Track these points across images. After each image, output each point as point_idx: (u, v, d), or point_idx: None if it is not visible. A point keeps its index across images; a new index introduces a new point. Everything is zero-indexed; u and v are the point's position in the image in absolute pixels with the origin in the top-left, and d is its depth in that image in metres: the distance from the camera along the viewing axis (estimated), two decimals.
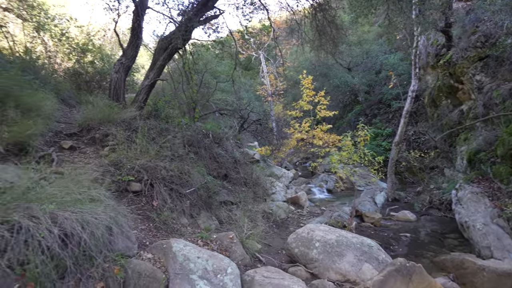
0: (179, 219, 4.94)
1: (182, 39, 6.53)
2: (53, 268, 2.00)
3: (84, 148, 5.74)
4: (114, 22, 7.84)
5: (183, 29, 6.47)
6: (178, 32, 6.56)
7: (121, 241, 2.83)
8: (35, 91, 5.70)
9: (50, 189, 2.56)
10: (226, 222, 5.52)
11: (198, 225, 5.15)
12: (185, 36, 6.60)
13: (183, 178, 5.48)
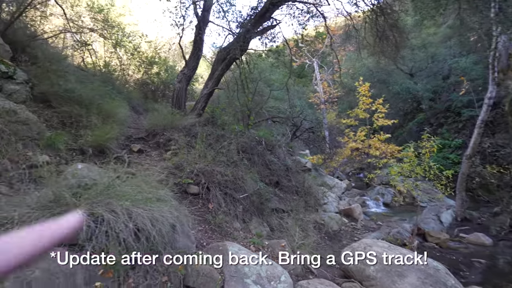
0: (232, 223, 5.09)
1: (240, 50, 6.82)
2: (126, 259, 2.23)
3: (150, 151, 6.30)
4: (179, 36, 8.51)
5: (241, 40, 6.77)
6: (236, 43, 6.87)
7: (182, 239, 3.02)
8: (112, 100, 6.48)
9: (125, 187, 2.86)
10: (277, 229, 5.52)
11: (249, 230, 5.24)
12: (243, 46, 6.89)
13: (237, 183, 5.65)
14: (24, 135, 4.12)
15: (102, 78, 8.28)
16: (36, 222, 2.22)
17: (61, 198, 2.40)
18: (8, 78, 5.07)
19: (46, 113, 5.26)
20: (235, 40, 7.17)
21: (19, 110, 4.40)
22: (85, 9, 10.45)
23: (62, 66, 6.71)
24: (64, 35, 9.90)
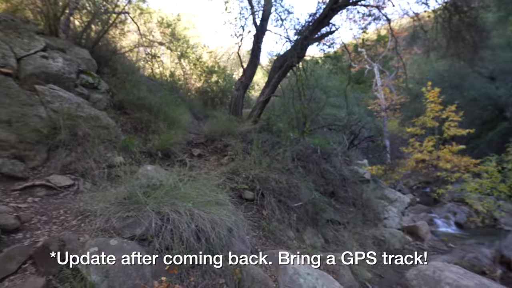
0: (285, 231, 5.03)
1: (297, 57, 6.81)
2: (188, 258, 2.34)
3: (209, 156, 6.61)
4: (238, 46, 8.84)
5: (298, 47, 6.75)
6: (293, 51, 6.88)
7: (238, 243, 3.08)
8: (177, 107, 7.00)
9: (187, 189, 3.03)
10: (332, 242, 5.30)
11: (303, 240, 5.12)
12: (300, 53, 6.87)
13: (291, 191, 5.59)
14: (105, 138, 4.67)
15: (169, 87, 9.00)
16: (114, 216, 2.48)
17: (134, 196, 2.64)
18: (94, 88, 5.83)
19: (122, 119, 5.91)
20: (292, 48, 7.19)
21: (102, 116, 5.01)
22: (155, 25, 11.56)
23: (135, 77, 7.49)
24: (138, 49, 11.04)
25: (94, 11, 7.68)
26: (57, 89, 4.88)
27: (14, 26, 5.22)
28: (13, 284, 2.05)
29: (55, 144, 4.17)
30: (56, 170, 3.97)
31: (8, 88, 4.31)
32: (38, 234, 2.54)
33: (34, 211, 2.97)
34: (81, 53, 6.22)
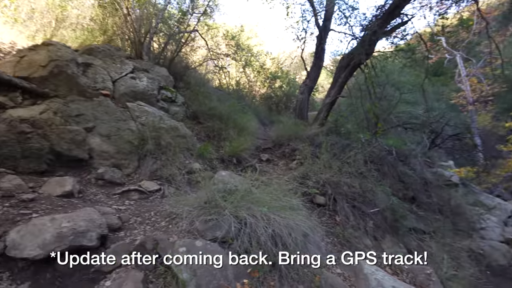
0: (362, 238, 4.74)
1: (365, 54, 6.43)
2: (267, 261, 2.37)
3: (277, 161, 6.68)
4: (300, 49, 8.79)
5: (366, 44, 6.37)
6: (360, 48, 6.52)
7: (313, 250, 3.01)
8: (244, 115, 7.27)
9: (261, 194, 3.09)
10: (417, 252, 4.77)
11: (382, 250, 4.74)
12: (368, 50, 6.47)
13: (366, 196, 5.25)
14: (183, 147, 5.11)
15: (236, 96, 9.43)
16: (197, 219, 2.68)
17: (213, 200, 2.81)
18: (172, 102, 6.46)
19: (196, 128, 6.40)
20: (359, 45, 6.82)
21: (180, 126, 5.51)
22: (221, 38, 12.26)
23: (206, 89, 8.06)
24: (207, 62, 11.87)
25: (169, 33, 8.55)
26: (143, 105, 5.55)
27: (109, 54, 6.14)
28: (119, 276, 2.36)
29: (144, 153, 4.72)
30: (145, 176, 4.49)
31: (107, 107, 5.07)
32: (136, 233, 2.90)
33: (131, 213, 3.40)
34: (161, 71, 6.97)
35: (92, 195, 3.79)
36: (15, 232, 2.31)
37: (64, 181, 3.56)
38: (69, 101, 4.81)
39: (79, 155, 4.24)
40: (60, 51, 5.14)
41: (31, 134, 4.02)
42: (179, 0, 9.01)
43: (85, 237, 2.39)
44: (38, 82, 4.84)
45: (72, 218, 2.50)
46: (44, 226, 2.35)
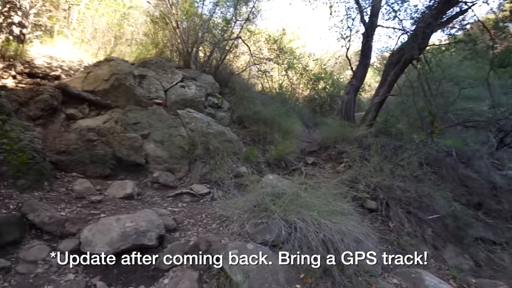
0: (419, 247, 4.39)
1: (417, 48, 5.99)
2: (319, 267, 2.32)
3: (323, 164, 6.52)
4: (345, 48, 8.50)
5: (419, 37, 5.94)
6: (412, 42, 6.10)
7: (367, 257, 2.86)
8: (289, 118, 7.24)
9: (310, 198, 3.04)
10: (487, 265, 4.28)
11: (444, 260, 4.34)
12: (421, 44, 6.03)
13: (422, 201, 4.87)
14: (230, 151, 5.26)
15: (279, 99, 9.45)
16: (248, 222, 2.73)
17: (262, 204, 2.84)
18: (218, 108, 6.69)
19: (242, 133, 6.54)
20: (410, 39, 6.37)
21: (226, 131, 5.68)
22: (263, 43, 12.40)
23: (250, 94, 8.21)
24: (250, 67, 12.08)
25: (214, 41, 8.89)
26: (192, 112, 5.84)
27: (161, 65, 6.58)
28: (176, 274, 2.50)
29: (194, 158, 4.96)
30: (195, 180, 4.70)
31: (160, 115, 5.43)
32: (189, 234, 3.04)
33: (184, 215, 3.58)
34: (207, 79, 7.27)
35: (149, 197, 4.07)
36: (87, 230, 2.58)
37: (125, 184, 3.88)
38: (127, 111, 5.25)
39: (137, 160, 4.59)
40: (120, 65, 5.65)
41: (97, 142, 4.47)
42: (223, 9, 9.33)
43: (145, 237, 2.58)
44: (101, 94, 5.37)
45: (134, 218, 2.71)
46: (111, 225, 2.59)
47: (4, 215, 2.50)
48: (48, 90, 4.85)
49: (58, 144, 4.18)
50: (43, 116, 4.65)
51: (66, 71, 6.36)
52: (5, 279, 2.14)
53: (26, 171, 3.21)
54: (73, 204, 3.20)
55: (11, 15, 5.63)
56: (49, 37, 7.59)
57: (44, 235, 2.64)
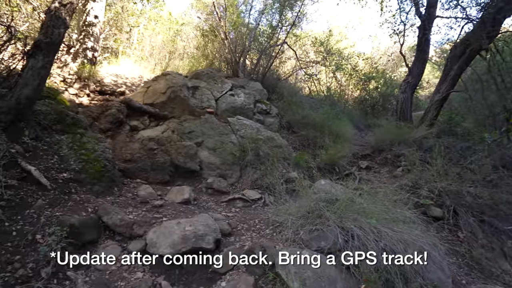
0: (496, 261, 3.88)
1: (486, 37, 5.36)
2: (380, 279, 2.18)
3: (378, 168, 6.15)
4: (400, 44, 7.99)
5: (488, 25, 5.31)
6: (480, 31, 5.48)
7: (434, 270, 2.62)
8: (339, 121, 7.01)
9: (367, 204, 2.89)
10: None
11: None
12: (491, 32, 5.38)
13: (499, 209, 4.30)
14: (280, 156, 5.26)
15: (328, 102, 9.22)
16: (302, 228, 2.69)
17: (316, 210, 2.78)
18: (267, 114, 6.77)
19: (291, 138, 6.51)
20: (477, 28, 5.74)
21: (275, 137, 5.71)
22: (309, 46, 12.26)
23: (298, 98, 8.15)
24: (296, 72, 12.02)
25: (261, 49, 9.06)
26: (242, 119, 6.00)
27: (212, 76, 6.91)
28: (232, 278, 2.56)
29: (245, 164, 5.07)
30: (247, 185, 4.80)
31: (212, 123, 5.68)
32: (244, 239, 3.11)
33: (237, 220, 3.67)
34: (255, 86, 7.42)
35: (204, 202, 4.26)
36: (152, 232, 2.79)
37: (182, 190, 4.12)
38: (182, 121, 5.60)
39: (192, 167, 4.85)
40: (175, 78, 6.08)
41: (157, 150, 4.84)
42: (269, 17, 9.48)
43: (203, 240, 2.70)
44: (159, 106, 5.82)
45: (192, 222, 2.87)
46: (173, 228, 2.76)
47: (85, 217, 2.84)
48: (115, 105, 5.43)
49: (124, 153, 4.62)
50: (111, 128, 5.20)
51: (129, 87, 7.04)
52: (86, 274, 2.42)
53: (100, 178, 3.61)
54: (139, 208, 3.50)
55: (85, 41, 6.45)
56: (114, 57, 8.50)
57: (116, 236, 2.93)
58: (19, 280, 2.10)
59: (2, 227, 2.43)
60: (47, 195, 2.94)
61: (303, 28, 11.83)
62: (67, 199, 3.06)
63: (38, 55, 3.24)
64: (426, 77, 15.52)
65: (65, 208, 2.91)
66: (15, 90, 3.22)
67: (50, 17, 3.29)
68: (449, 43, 9.63)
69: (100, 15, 6.85)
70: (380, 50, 15.00)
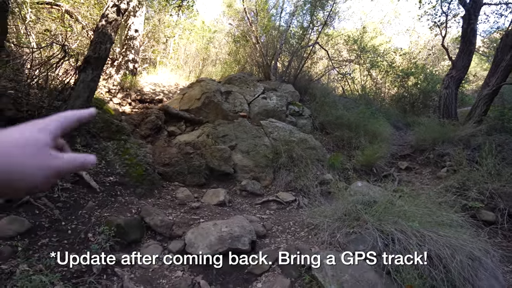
0: None
1: None
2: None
3: (419, 168, 5.81)
4: (441, 36, 7.49)
5: None
6: None
7: (487, 279, 2.41)
8: (375, 120, 6.74)
9: (406, 207, 2.75)
10: None
11: None
12: None
13: None
14: (314, 158, 5.19)
15: (363, 101, 8.91)
16: (339, 231, 2.64)
17: (353, 212, 2.70)
18: (299, 115, 6.71)
19: (325, 139, 6.39)
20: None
21: (309, 138, 5.64)
22: (342, 45, 11.96)
23: (331, 98, 7.97)
24: (329, 72, 11.79)
25: (292, 51, 9.03)
26: (274, 121, 6.01)
27: (244, 80, 7.02)
28: (268, 279, 2.58)
29: (278, 166, 5.07)
30: (281, 187, 4.79)
31: (245, 127, 5.76)
32: (279, 241, 3.11)
33: (272, 222, 3.68)
34: (287, 88, 7.41)
35: (238, 205, 4.34)
36: (190, 233, 2.91)
37: (218, 192, 4.23)
38: (216, 125, 5.76)
39: (226, 169, 4.96)
40: (208, 84, 6.27)
41: (193, 154, 5.02)
42: (300, 18, 9.43)
43: (239, 241, 2.75)
44: (195, 112, 6.04)
45: (228, 224, 2.93)
46: (209, 229, 2.85)
47: (129, 218, 3.04)
48: (154, 112, 5.74)
49: (163, 158, 4.87)
50: (151, 134, 5.51)
51: (167, 94, 7.40)
52: (131, 271, 2.59)
53: (141, 181, 3.84)
54: (177, 209, 3.66)
55: (127, 54, 6.91)
56: (152, 67, 8.99)
57: (157, 236, 3.09)
58: (74, 275, 2.30)
59: (60, 226, 2.68)
60: (97, 197, 3.20)
61: (335, 27, 11.60)
62: (114, 201, 3.30)
63: (88, 70, 3.56)
64: (472, 70, 14.37)
65: (112, 209, 3.14)
66: (68, 102, 3.55)
67: (97, 34, 3.60)
68: (500, 31, 8.83)
69: (140, 29, 7.32)
70: (419, 44, 14.16)
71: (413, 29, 14.07)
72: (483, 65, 15.11)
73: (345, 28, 13.53)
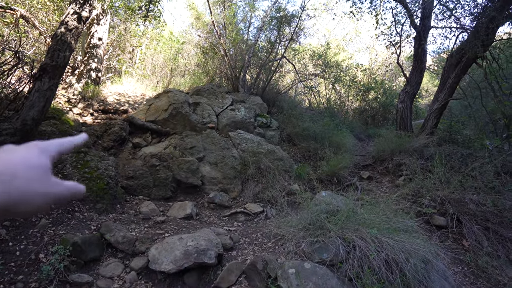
0: (503, 269, 3.82)
1: (481, 46, 5.46)
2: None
3: (380, 178, 6.15)
4: (396, 55, 8.13)
5: (482, 34, 5.42)
6: (474, 40, 5.58)
7: (438, 280, 2.60)
8: (339, 132, 7.06)
9: (368, 215, 2.90)
10: None
11: None
12: (486, 40, 5.48)
13: (504, 216, 4.27)
14: (281, 169, 5.30)
15: (328, 113, 9.30)
16: (303, 240, 2.70)
17: (317, 222, 2.79)
18: (267, 127, 6.84)
19: (292, 150, 6.55)
20: (472, 37, 5.84)
21: (276, 150, 5.76)
22: (308, 60, 12.48)
23: (298, 111, 8.24)
24: (296, 85, 12.20)
25: (260, 64, 9.24)
26: (242, 133, 6.06)
27: (213, 92, 7.04)
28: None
29: (246, 177, 5.10)
30: (249, 199, 4.81)
31: (213, 138, 5.75)
32: (246, 253, 3.11)
33: (240, 233, 3.67)
34: (255, 100, 7.53)
35: (206, 217, 4.28)
36: (154, 248, 2.81)
37: (185, 205, 4.15)
38: (184, 136, 5.68)
39: (194, 182, 4.89)
40: (176, 95, 6.20)
41: (159, 167, 4.90)
42: (267, 33, 9.72)
43: (206, 255, 2.71)
44: (161, 123, 5.92)
45: (194, 237, 2.88)
46: (174, 244, 2.78)
47: (87, 235, 2.87)
48: (118, 123, 5.53)
49: (127, 170, 4.69)
50: (114, 146, 5.29)
51: (132, 105, 7.18)
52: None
53: (102, 196, 3.66)
54: (141, 224, 3.53)
55: (89, 62, 6.64)
56: (117, 77, 8.70)
57: (118, 253, 2.94)
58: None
59: (6, 247, 2.46)
60: (51, 214, 2.99)
61: (301, 43, 12.08)
62: (70, 217, 3.10)
63: (44, 78, 3.37)
64: (425, 86, 15.65)
65: (68, 227, 2.95)
66: (21, 112, 3.32)
67: (56, 41, 3.44)
68: (446, 52, 9.77)
69: (103, 37, 7.09)
70: (378, 61, 15.21)
71: (372, 47, 15.09)
72: (434, 82, 16.53)
73: (310, 43, 14.15)
